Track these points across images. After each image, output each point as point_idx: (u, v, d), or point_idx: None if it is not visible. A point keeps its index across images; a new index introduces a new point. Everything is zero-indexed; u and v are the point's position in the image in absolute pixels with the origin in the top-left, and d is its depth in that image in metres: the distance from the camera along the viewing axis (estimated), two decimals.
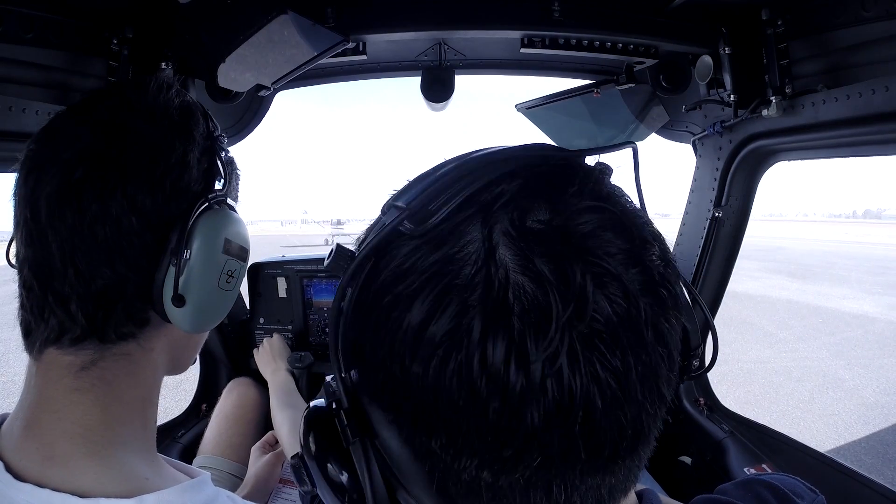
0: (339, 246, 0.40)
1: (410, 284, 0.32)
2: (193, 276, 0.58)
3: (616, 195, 0.38)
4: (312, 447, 0.40)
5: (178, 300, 0.57)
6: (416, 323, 0.31)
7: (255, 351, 1.72)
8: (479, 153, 0.39)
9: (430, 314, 0.31)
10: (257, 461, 1.36)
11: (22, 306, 0.56)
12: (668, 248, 0.38)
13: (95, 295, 0.54)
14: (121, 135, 0.56)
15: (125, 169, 0.54)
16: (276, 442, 1.41)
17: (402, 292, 0.33)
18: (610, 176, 0.40)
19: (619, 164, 0.41)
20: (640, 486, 0.53)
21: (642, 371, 0.32)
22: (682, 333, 0.46)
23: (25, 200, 0.54)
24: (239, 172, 0.71)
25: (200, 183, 0.60)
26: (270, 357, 1.62)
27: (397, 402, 0.34)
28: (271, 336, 1.75)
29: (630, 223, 0.35)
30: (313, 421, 0.40)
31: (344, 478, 0.38)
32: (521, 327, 0.30)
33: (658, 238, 0.37)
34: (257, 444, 1.42)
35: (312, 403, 0.42)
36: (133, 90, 0.60)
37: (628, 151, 0.45)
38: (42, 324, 0.55)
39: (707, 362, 0.53)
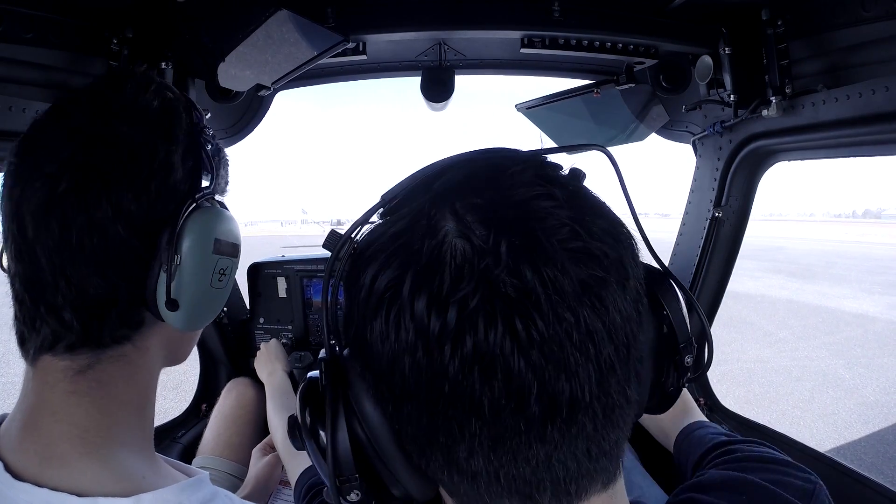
0: (332, 230, 0.46)
1: (372, 251, 0.39)
2: (185, 278, 0.57)
3: (561, 177, 0.40)
4: (305, 409, 0.43)
5: (172, 304, 0.57)
6: (368, 280, 0.37)
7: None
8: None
9: (379, 271, 0.37)
10: (258, 462, 1.36)
11: (15, 317, 0.56)
12: (622, 224, 0.40)
13: (89, 304, 0.54)
14: (101, 142, 0.55)
15: (108, 176, 0.54)
16: None
17: (366, 258, 0.39)
18: (583, 179, 0.42)
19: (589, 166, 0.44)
20: (637, 491, 0.54)
21: (566, 329, 0.33)
22: (668, 327, 0.47)
23: (12, 215, 0.54)
24: (228, 160, 0.70)
25: (187, 182, 0.59)
26: (267, 360, 1.62)
27: (362, 353, 0.39)
28: (270, 338, 1.75)
29: (573, 196, 0.38)
30: (307, 386, 0.44)
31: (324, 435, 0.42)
32: (449, 280, 0.34)
33: (605, 214, 0.39)
34: (258, 445, 1.42)
35: (309, 375, 0.45)
36: (110, 92, 0.59)
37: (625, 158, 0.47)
38: (35, 333, 0.54)
39: (703, 361, 0.53)
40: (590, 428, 0.36)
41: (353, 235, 0.41)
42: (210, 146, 0.63)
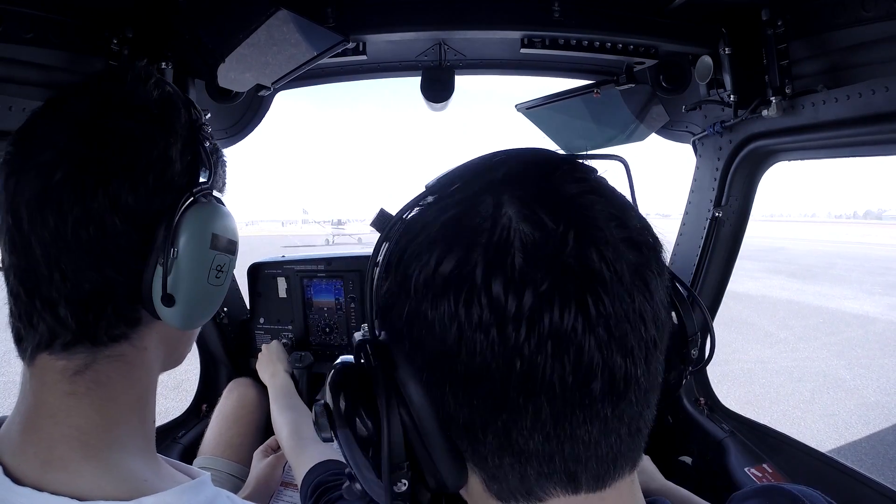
0: (382, 209, 0.46)
1: (429, 235, 0.39)
2: (182, 273, 0.57)
3: (599, 178, 0.43)
4: (339, 394, 0.44)
5: (168, 300, 0.56)
6: (432, 264, 0.37)
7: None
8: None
9: (443, 255, 0.37)
10: (259, 464, 1.36)
11: (11, 314, 0.55)
12: (643, 218, 0.43)
13: (84, 299, 0.53)
14: (98, 133, 0.54)
15: (105, 168, 0.53)
16: (279, 446, 1.41)
17: (423, 241, 0.39)
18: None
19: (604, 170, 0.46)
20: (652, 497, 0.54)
21: (625, 309, 0.36)
22: (678, 321, 0.49)
23: (7, 206, 0.53)
24: (225, 160, 0.69)
25: (185, 176, 0.58)
26: (269, 361, 1.62)
27: (413, 336, 0.39)
28: (270, 338, 1.75)
29: (612, 194, 0.42)
30: (341, 370, 0.45)
31: (366, 425, 0.42)
32: (521, 262, 0.35)
33: (633, 208, 0.42)
34: (260, 447, 1.42)
35: (342, 359, 0.46)
36: (109, 84, 0.58)
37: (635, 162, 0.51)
38: (32, 330, 0.54)
39: (706, 354, 0.54)
40: (635, 405, 0.39)
41: (404, 216, 0.43)
42: (208, 143, 0.62)
